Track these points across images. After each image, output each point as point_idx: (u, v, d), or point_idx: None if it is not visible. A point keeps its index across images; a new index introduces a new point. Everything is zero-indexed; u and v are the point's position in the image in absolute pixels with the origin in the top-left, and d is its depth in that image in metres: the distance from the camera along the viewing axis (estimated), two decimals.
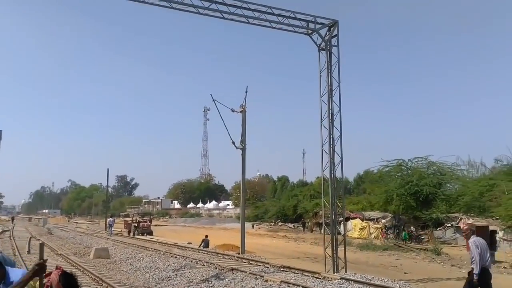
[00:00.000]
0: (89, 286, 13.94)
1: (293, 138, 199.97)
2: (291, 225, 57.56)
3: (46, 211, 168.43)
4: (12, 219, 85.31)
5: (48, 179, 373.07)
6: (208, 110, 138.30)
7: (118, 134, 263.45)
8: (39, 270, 3.53)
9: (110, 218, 50.00)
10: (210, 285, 14.67)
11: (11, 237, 37.42)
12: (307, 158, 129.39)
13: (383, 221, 40.72)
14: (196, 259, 21.14)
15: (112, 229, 45.48)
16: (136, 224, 46.72)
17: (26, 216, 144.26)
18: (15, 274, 4.92)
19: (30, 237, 37.25)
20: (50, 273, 3.63)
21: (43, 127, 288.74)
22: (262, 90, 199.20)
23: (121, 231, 50.72)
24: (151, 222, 53.10)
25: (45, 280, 3.57)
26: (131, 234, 44.90)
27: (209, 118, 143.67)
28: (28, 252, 25.35)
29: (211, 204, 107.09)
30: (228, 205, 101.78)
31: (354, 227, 42.31)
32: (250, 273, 16.44)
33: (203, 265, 19.34)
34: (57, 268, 3.68)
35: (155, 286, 15.03)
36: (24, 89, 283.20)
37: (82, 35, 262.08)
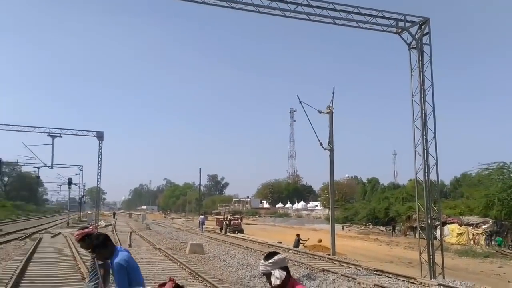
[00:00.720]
0: (186, 280, 14.62)
1: (382, 139, 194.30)
2: (382, 228, 55.95)
3: (144, 207, 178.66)
4: (114, 214, 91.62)
5: (146, 177, 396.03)
6: (294, 111, 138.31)
7: (209, 136, 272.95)
8: None
9: (201, 216, 52.64)
10: None
11: (114, 231, 40.19)
12: (398, 160, 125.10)
13: (483, 226, 38.27)
14: (287, 259, 21.31)
15: (204, 226, 47.42)
16: (227, 222, 48.04)
17: (126, 212, 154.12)
18: (124, 254, 5.36)
19: (131, 232, 39.77)
20: (164, 284, 3.90)
21: (141, 129, 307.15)
22: (349, 91, 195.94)
23: (213, 228, 52.43)
24: (241, 220, 54.30)
25: None
26: (223, 231, 46.23)
27: (296, 120, 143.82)
28: (130, 245, 27.06)
29: (299, 205, 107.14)
30: (317, 206, 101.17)
31: (452, 232, 40.14)
32: (342, 275, 16.30)
33: (294, 264, 19.48)
34: (170, 279, 3.94)
35: (248, 282, 15.41)
36: (121, 95, 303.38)
37: (172, 39, 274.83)
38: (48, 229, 45.05)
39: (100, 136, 44.98)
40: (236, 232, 45.18)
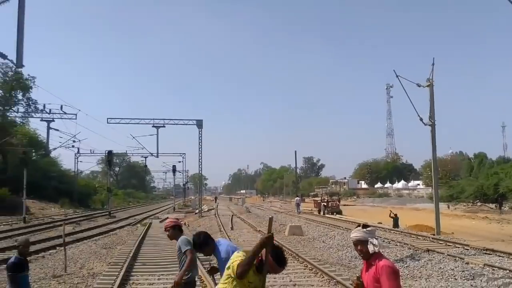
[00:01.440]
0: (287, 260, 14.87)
1: (489, 110, 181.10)
2: (491, 205, 52.44)
3: (243, 191, 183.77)
4: (215, 198, 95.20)
5: (244, 162, 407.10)
6: (391, 87, 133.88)
7: (304, 116, 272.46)
8: (267, 241, 3.93)
9: (297, 198, 53.60)
10: (405, 265, 14.35)
11: (216, 215, 41.85)
12: (507, 132, 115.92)
13: None
14: (388, 239, 20.84)
15: (300, 207, 48.03)
16: (325, 204, 47.92)
17: (226, 196, 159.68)
18: (222, 245, 5.57)
19: (232, 215, 41.14)
20: None
21: (238, 115, 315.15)
22: (449, 62, 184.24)
23: (311, 210, 52.58)
24: (339, 201, 53.86)
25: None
26: (321, 213, 46.21)
27: (392, 96, 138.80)
28: (232, 228, 28.02)
29: (399, 184, 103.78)
30: (418, 184, 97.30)
31: None
32: (448, 255, 15.58)
33: (396, 245, 18.98)
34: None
35: (349, 263, 15.31)
36: (221, 83, 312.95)
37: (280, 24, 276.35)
38: (156, 214, 48.17)
39: (199, 124, 46.85)
40: (334, 213, 44.96)
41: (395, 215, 29.41)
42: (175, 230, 6.41)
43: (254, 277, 3.99)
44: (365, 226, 3.92)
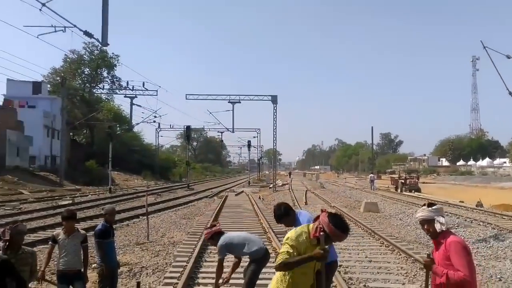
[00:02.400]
0: (362, 237, 14.66)
1: None
2: None
3: (317, 167, 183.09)
4: (290, 174, 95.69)
5: (318, 138, 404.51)
6: (477, 59, 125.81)
7: (382, 92, 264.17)
8: (319, 257, 3.77)
9: (371, 174, 54.86)
10: (488, 245, 13.64)
11: (290, 190, 42.07)
12: None
13: None
14: (470, 218, 19.91)
15: (374, 184, 48.29)
16: (403, 181, 46.55)
17: (300, 171, 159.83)
18: (303, 216, 5.56)
19: (306, 190, 41.19)
20: (318, 217, 3.90)
21: (313, 90, 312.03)
22: None
23: (388, 187, 51.36)
24: (418, 179, 52.06)
25: (316, 224, 3.83)
26: (398, 190, 45.01)
27: (478, 69, 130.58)
28: (306, 203, 28.07)
29: (484, 162, 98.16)
30: (505, 162, 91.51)
31: None
32: None
33: (479, 224, 18.09)
34: (322, 211, 3.94)
35: (428, 242, 14.76)
36: (296, 58, 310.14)
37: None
38: (232, 188, 49.27)
39: (274, 100, 46.97)
40: (413, 191, 43.54)
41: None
42: (214, 240, 6.73)
43: (310, 250, 3.81)
44: (430, 204, 3.85)
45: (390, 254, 11.83)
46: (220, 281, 6.71)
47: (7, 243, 4.99)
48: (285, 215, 5.46)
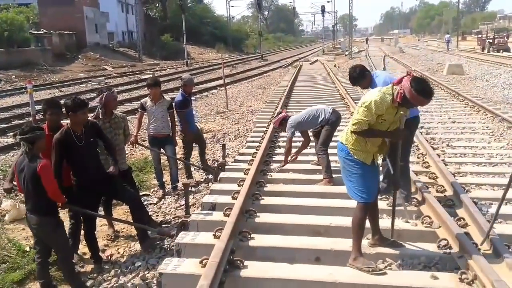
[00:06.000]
0: (445, 99, 14.16)
1: None
2: None
3: (396, 31, 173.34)
4: (366, 40, 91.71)
5: None
6: None
7: None
8: (397, 137, 3.91)
9: (447, 35, 53.62)
10: None
11: (367, 56, 40.64)
12: None
13: None
14: None
15: (450, 45, 47.41)
16: (490, 41, 43.20)
17: (377, 37, 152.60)
18: (379, 77, 5.36)
19: (384, 56, 39.62)
20: (401, 79, 3.68)
21: None
22: None
23: (474, 48, 48.03)
24: (507, 38, 47.99)
25: (398, 88, 3.64)
26: (485, 50, 42.07)
27: None
28: (384, 68, 27.14)
29: None
30: None
31: None
32: None
33: None
34: (408, 74, 3.71)
35: None
36: None
37: None
38: (306, 57, 48.52)
39: None
40: (501, 51, 40.42)
41: None
42: (283, 125, 6.77)
43: (389, 115, 3.71)
44: None
45: (475, 114, 11.41)
46: (289, 158, 6.91)
47: (103, 108, 5.33)
48: (361, 76, 5.31)
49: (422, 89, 3.53)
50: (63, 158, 4.51)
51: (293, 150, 6.96)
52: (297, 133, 6.77)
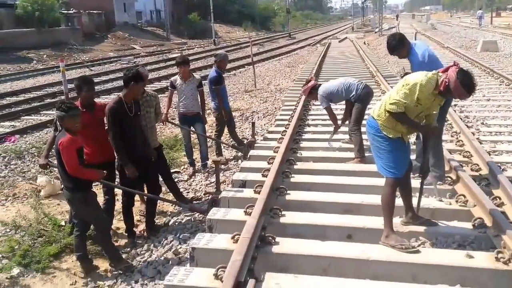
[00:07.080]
0: (479, 76, 13.73)
1: None
2: None
3: (428, 7, 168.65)
4: (397, 17, 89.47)
5: None
6: None
7: None
8: (430, 133, 3.97)
9: (480, 11, 51.03)
10: None
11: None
12: None
13: None
14: None
15: (483, 20, 45.16)
16: None
17: (408, 13, 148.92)
18: (418, 48, 5.23)
19: (416, 33, 38.58)
20: (447, 68, 3.65)
21: None
22: None
23: (509, 24, 46.34)
24: None
25: (443, 77, 3.60)
26: None
27: None
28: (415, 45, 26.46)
29: None
30: None
31: None
32: None
33: None
34: (454, 64, 3.67)
35: None
36: None
37: None
38: (334, 35, 47.78)
39: None
40: None
41: None
42: (313, 94, 6.66)
43: (426, 100, 3.64)
44: None
45: (511, 92, 11.06)
46: (339, 122, 6.82)
47: None
48: (400, 44, 5.19)
49: (467, 82, 3.53)
50: (119, 127, 4.57)
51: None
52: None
